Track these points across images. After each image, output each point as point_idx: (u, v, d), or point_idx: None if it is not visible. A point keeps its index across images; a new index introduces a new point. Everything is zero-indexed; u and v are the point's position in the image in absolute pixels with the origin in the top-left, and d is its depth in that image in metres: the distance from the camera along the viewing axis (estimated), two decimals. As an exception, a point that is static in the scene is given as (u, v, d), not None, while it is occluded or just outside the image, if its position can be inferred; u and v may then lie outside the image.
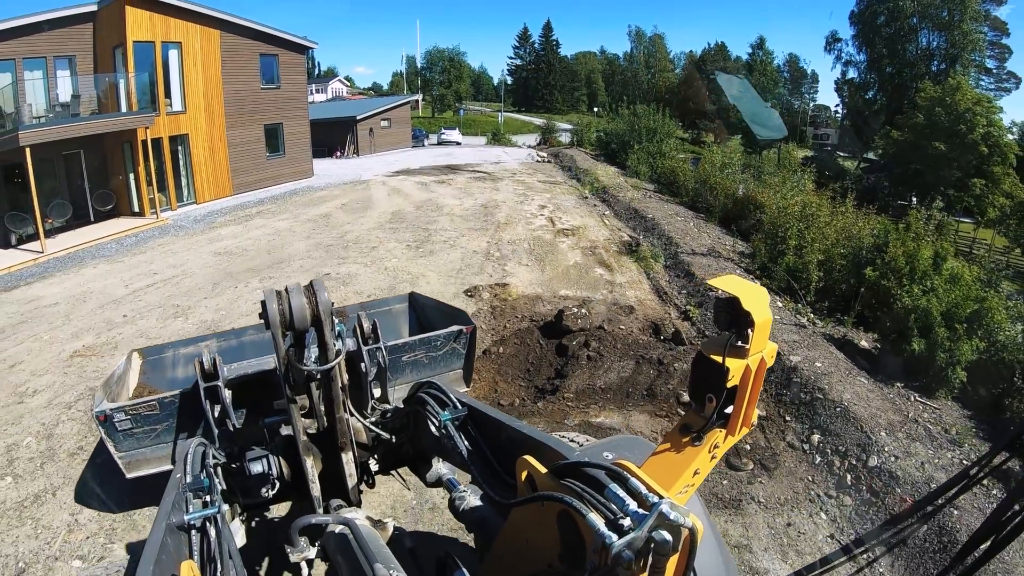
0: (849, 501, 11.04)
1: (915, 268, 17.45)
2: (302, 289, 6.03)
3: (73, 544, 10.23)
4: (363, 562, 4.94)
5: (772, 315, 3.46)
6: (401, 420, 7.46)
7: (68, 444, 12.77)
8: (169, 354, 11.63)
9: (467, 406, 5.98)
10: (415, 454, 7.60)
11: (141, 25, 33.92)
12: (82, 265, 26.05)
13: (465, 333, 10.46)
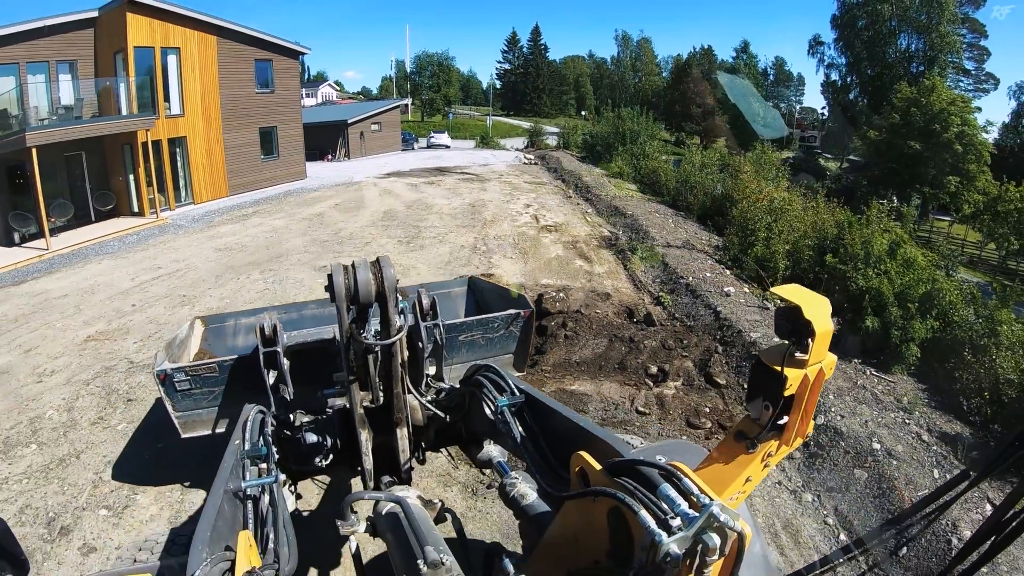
0: (797, 455, 12.15)
1: (870, 253, 18.44)
2: (368, 264, 5.98)
3: (99, 496, 10.99)
4: (413, 542, 4.88)
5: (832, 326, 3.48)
6: (456, 400, 7.41)
7: (89, 415, 13.58)
8: (231, 323, 11.82)
9: (525, 393, 5.96)
10: (467, 434, 7.53)
11: (141, 31, 34.76)
12: (87, 261, 26.79)
13: (522, 316, 10.22)
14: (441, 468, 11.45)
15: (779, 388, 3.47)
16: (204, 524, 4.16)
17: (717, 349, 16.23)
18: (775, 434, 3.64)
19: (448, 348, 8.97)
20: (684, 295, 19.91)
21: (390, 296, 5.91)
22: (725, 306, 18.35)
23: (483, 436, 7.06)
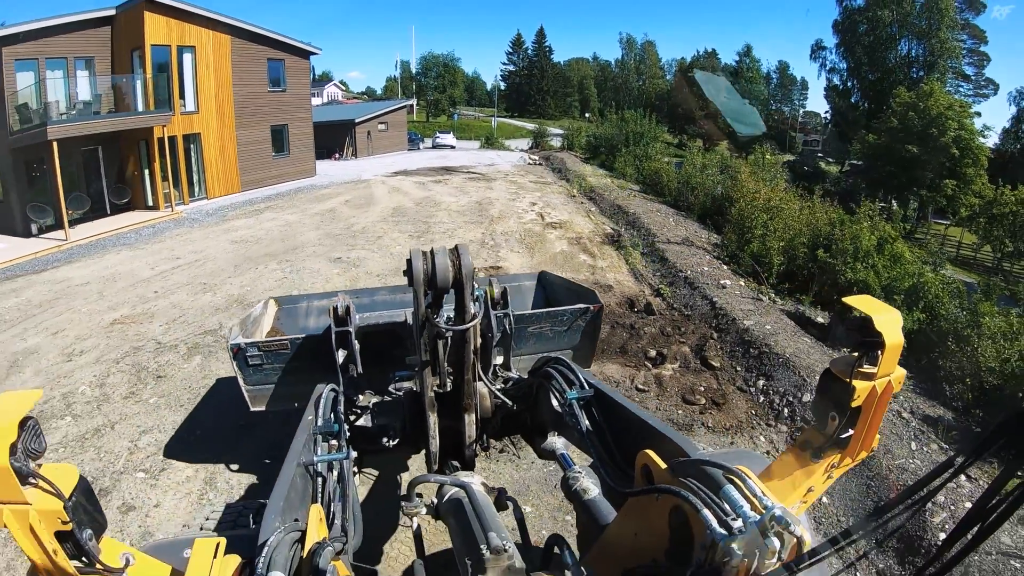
0: (784, 428, 12.94)
1: (859, 248, 19.18)
2: (447, 251, 5.92)
3: (135, 462, 11.58)
4: (476, 528, 4.79)
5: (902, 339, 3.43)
6: (524, 390, 7.42)
7: (120, 390, 14.19)
8: (303, 304, 11.97)
9: (594, 388, 5.89)
10: (532, 425, 7.50)
11: (158, 30, 35.58)
12: (105, 252, 27.43)
13: (591, 311, 10.03)
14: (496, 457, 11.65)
15: (847, 399, 3.47)
16: (277, 495, 4.37)
17: (712, 335, 16.94)
18: (840, 445, 3.60)
19: (516, 339, 9.06)
20: (683, 287, 20.55)
21: (467, 283, 5.86)
22: (721, 297, 19.04)
23: (548, 427, 7.03)
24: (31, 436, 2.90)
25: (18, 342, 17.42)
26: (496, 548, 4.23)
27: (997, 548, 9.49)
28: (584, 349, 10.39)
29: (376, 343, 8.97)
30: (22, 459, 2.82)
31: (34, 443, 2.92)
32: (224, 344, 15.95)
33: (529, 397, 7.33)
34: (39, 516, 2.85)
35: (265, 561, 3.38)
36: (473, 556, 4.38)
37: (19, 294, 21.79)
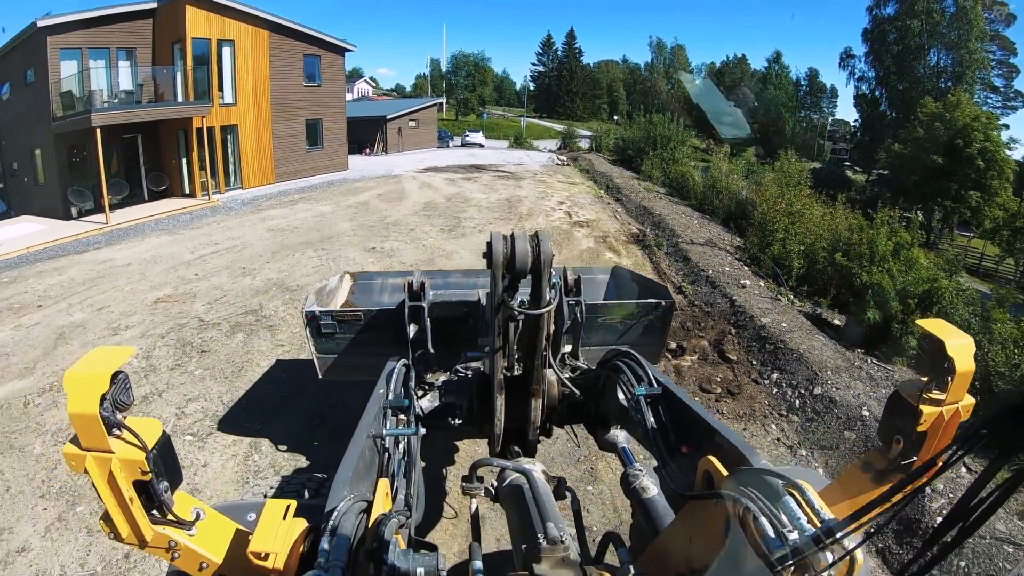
0: (796, 418, 13.45)
1: (875, 252, 19.66)
2: (527, 237, 5.86)
3: (183, 426, 12.17)
4: (535, 516, 4.90)
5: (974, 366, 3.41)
6: (591, 380, 7.36)
7: (167, 362, 14.79)
8: (378, 281, 12.00)
9: (663, 386, 5.82)
10: (596, 416, 7.42)
11: (199, 23, 36.53)
12: (144, 236, 28.28)
13: (663, 307, 9.69)
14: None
15: (912, 424, 3.48)
16: (346, 465, 4.41)
17: (731, 331, 17.45)
18: (902, 471, 3.58)
19: (586, 328, 8.97)
20: (704, 285, 20.98)
21: (545, 269, 5.80)
22: (740, 296, 19.49)
23: (612, 420, 7.05)
24: (120, 389, 3.22)
25: (64, 317, 18.08)
26: (553, 538, 4.38)
27: (991, 533, 9.63)
28: (652, 345, 9.96)
29: (447, 323, 9.01)
30: (110, 410, 3.11)
31: (123, 396, 3.25)
32: (265, 323, 16.77)
33: (595, 388, 7.28)
34: (120, 465, 3.15)
35: (332, 526, 3.54)
36: (529, 543, 4.49)
37: (62, 272, 22.51)
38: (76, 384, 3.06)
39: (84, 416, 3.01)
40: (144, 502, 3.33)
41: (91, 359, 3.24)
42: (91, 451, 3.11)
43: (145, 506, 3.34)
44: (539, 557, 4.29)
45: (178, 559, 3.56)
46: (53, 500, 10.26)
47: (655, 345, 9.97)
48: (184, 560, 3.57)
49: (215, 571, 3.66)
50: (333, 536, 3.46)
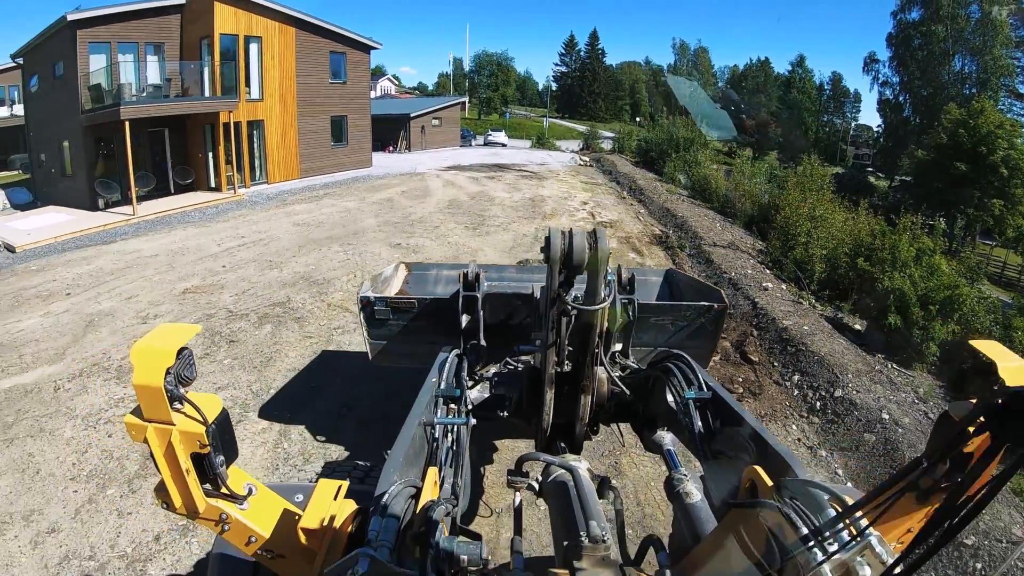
0: (816, 420, 13.53)
1: (896, 257, 19.67)
2: (585, 233, 5.84)
3: None
4: (578, 514, 4.77)
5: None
6: (640, 380, 7.30)
7: (196, 351, 13.97)
8: (433, 272, 12.07)
9: (712, 391, 5.88)
10: (643, 416, 7.32)
11: (227, 19, 36.78)
12: (171, 228, 28.65)
13: (715, 309, 9.60)
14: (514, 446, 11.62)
15: (960, 445, 3.23)
16: (397, 452, 4.51)
17: (752, 332, 17.54)
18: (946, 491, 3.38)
19: (638, 328, 8.93)
20: (726, 287, 20.71)
21: (601, 266, 5.76)
22: (762, 298, 19.54)
23: (659, 422, 6.88)
24: (185, 364, 3.35)
25: (93, 305, 18.41)
26: (595, 537, 4.25)
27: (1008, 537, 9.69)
28: (703, 348, 9.88)
29: (500, 314, 9.10)
30: (174, 383, 3.23)
31: (186, 371, 3.37)
32: (293, 315, 17.00)
33: (645, 388, 7.20)
34: (180, 437, 3.28)
35: (382, 507, 3.66)
36: (571, 541, 4.38)
37: (90, 262, 22.87)
38: (143, 357, 3.19)
39: (148, 388, 3.14)
40: (199, 475, 3.46)
41: (158, 334, 3.38)
42: (152, 422, 3.25)
43: (200, 479, 3.47)
44: (580, 555, 4.24)
45: (228, 532, 3.68)
46: (83, 483, 10.44)
47: (706, 348, 9.95)
48: (233, 533, 3.69)
49: (262, 545, 3.77)
50: (383, 518, 3.59)
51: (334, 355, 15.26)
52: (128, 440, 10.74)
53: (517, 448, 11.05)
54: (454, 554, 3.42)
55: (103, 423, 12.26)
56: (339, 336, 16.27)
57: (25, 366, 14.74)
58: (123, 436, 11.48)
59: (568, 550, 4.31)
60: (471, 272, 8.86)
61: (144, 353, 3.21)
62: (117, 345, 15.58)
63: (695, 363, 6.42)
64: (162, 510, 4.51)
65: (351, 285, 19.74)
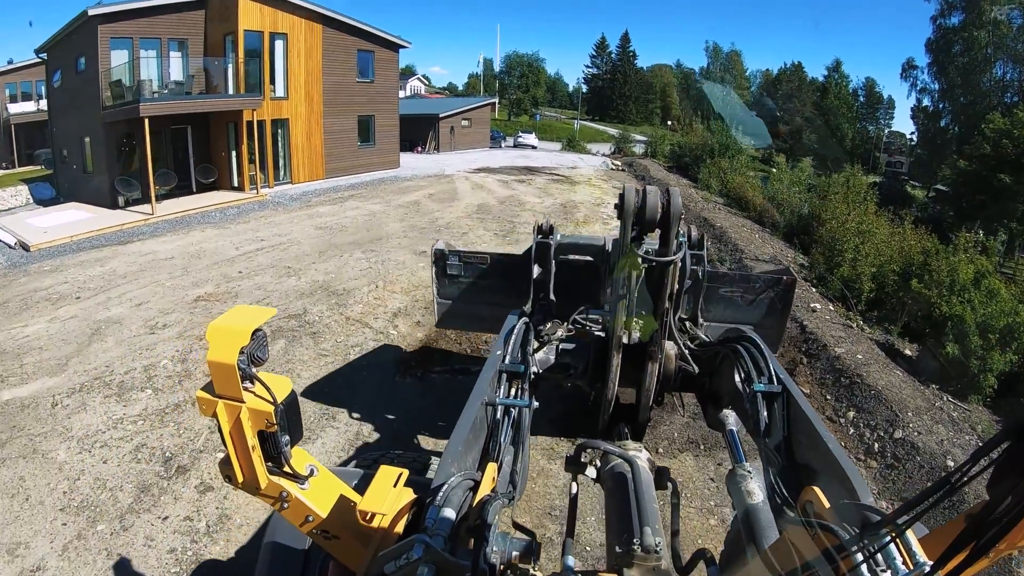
0: (874, 464, 12.54)
1: (955, 281, 18.62)
2: (658, 191, 6.08)
3: (216, 441, 11.27)
4: (634, 516, 4.69)
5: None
6: (709, 355, 7.30)
7: (203, 367, 13.99)
8: None
9: (783, 385, 5.64)
10: (708, 391, 7.35)
11: (252, 15, 36.31)
12: (190, 228, 28.13)
13: (784, 282, 9.79)
14: (545, 443, 11.54)
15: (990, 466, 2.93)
16: (456, 439, 4.64)
17: (802, 360, 16.57)
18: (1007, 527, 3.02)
19: (707, 300, 9.16)
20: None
21: (674, 221, 5.97)
22: (811, 321, 18.59)
23: (724, 399, 6.79)
24: (258, 345, 3.35)
25: (102, 311, 17.84)
26: (648, 547, 4.20)
27: None
28: (772, 327, 10.00)
29: (571, 271, 9.17)
30: (246, 362, 3.26)
31: (260, 352, 3.38)
32: (308, 330, 16.53)
33: (712, 364, 7.18)
34: (249, 414, 3.34)
35: (441, 498, 3.77)
36: (624, 547, 4.34)
37: (104, 264, 22.39)
38: (219, 335, 3.28)
39: (222, 365, 3.23)
40: (264, 453, 3.53)
41: (235, 314, 3.46)
42: (223, 398, 3.34)
43: (264, 456, 3.55)
44: (631, 562, 4.21)
45: (286, 509, 3.76)
46: (73, 515, 9.84)
47: (775, 328, 10.00)
48: (292, 511, 3.77)
49: (318, 525, 3.84)
50: (440, 507, 3.70)
51: (350, 377, 14.55)
52: (122, 468, 10.84)
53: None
54: (506, 549, 3.56)
55: (99, 447, 11.56)
56: (357, 356, 15.53)
57: (25, 376, 14.20)
58: (118, 463, 11.05)
59: (619, 556, 4.32)
60: (545, 224, 9.16)
61: (221, 331, 3.30)
62: (121, 357, 14.89)
63: (767, 350, 6.18)
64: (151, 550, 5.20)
65: (372, 297, 18.89)
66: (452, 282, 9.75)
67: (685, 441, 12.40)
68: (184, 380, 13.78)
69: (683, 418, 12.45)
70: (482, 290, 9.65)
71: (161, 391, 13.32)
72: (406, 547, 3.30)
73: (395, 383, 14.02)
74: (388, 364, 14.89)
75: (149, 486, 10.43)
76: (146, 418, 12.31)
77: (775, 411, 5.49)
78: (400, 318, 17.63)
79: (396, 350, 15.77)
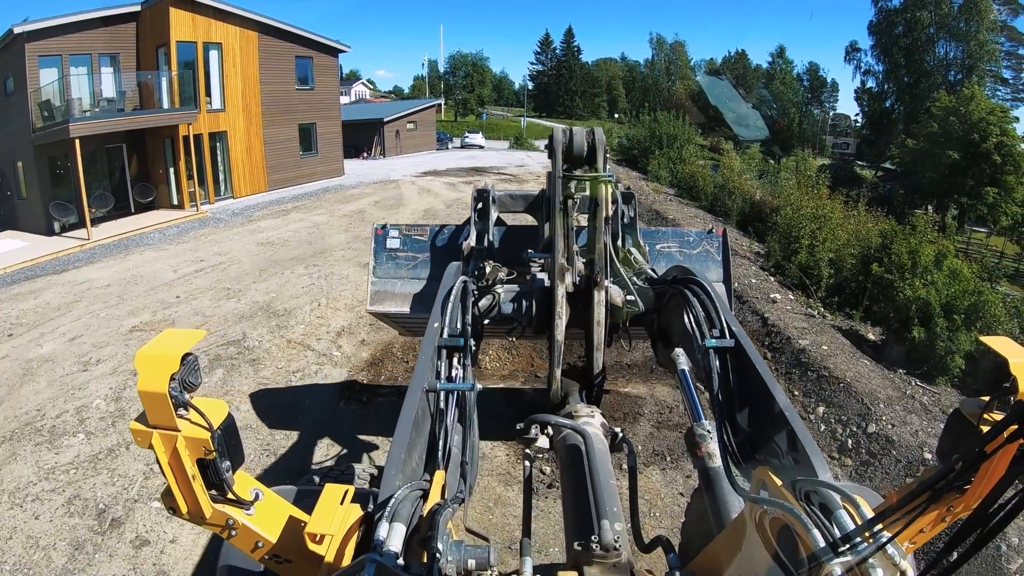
0: (849, 462, 12.16)
1: (917, 263, 18.34)
2: (584, 131, 6.83)
3: (151, 489, 10.93)
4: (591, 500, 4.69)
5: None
6: (656, 290, 7.00)
7: (137, 406, 13.29)
8: None
9: (736, 339, 5.23)
10: (657, 329, 7.10)
11: (184, 26, 35.45)
12: (128, 252, 27.17)
13: (716, 234, 9.92)
14: (501, 467, 11.34)
15: (972, 443, 3.07)
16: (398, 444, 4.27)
17: (766, 355, 16.16)
18: (959, 491, 3.31)
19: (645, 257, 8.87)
20: (731, 301, 19.75)
21: (599, 148, 6.64)
22: (772, 313, 18.21)
23: (674, 339, 6.46)
24: (189, 370, 3.22)
25: (34, 348, 17.06)
26: (607, 545, 4.11)
27: None
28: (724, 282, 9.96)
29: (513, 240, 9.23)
30: (178, 389, 3.11)
31: (191, 377, 3.25)
32: (248, 356, 16.12)
33: (660, 301, 6.95)
34: (185, 443, 3.17)
35: (389, 513, 3.52)
36: (583, 543, 4.23)
37: (38, 296, 21.50)
38: (147, 363, 3.12)
39: (153, 394, 3.07)
40: (205, 480, 3.37)
41: (163, 340, 3.32)
42: (158, 428, 3.17)
43: (206, 484, 3.39)
44: (590, 561, 4.14)
45: (235, 537, 3.61)
46: None
47: (724, 281, 9.97)
48: (241, 538, 3.62)
49: (269, 551, 3.71)
50: (389, 522, 3.47)
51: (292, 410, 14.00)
52: (55, 524, 10.29)
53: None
54: (462, 558, 3.50)
55: (30, 500, 10.90)
56: (299, 382, 15.05)
57: (-51, 427, 13.40)
58: (51, 518, 10.45)
59: (580, 554, 4.25)
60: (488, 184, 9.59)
61: (149, 359, 3.14)
62: (53, 399, 14.12)
63: (717, 296, 5.74)
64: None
65: (314, 316, 18.41)
66: (391, 258, 9.65)
67: (650, 453, 12.02)
68: (117, 421, 13.12)
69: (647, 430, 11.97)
70: (423, 264, 9.61)
71: (94, 435, 12.67)
72: (357, 568, 3.11)
73: (338, 410, 13.61)
74: (331, 390, 14.48)
75: (83, 543, 9.87)
76: (79, 466, 11.69)
77: (728, 368, 5.14)
78: (344, 337, 17.18)
79: (339, 372, 15.34)
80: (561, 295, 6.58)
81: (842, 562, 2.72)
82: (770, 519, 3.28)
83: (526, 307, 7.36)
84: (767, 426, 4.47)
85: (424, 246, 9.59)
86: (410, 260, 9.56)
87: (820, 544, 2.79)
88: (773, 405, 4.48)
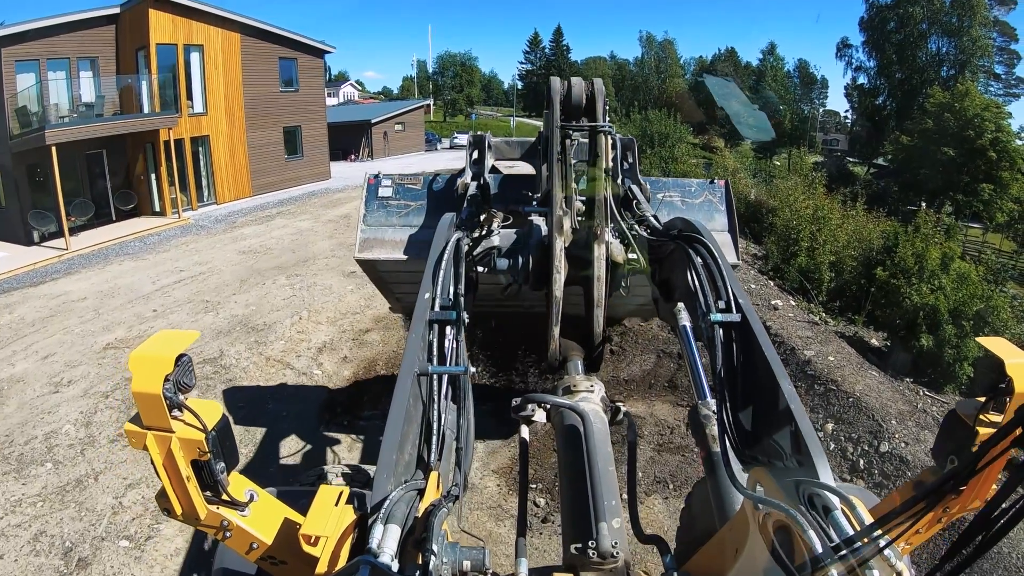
0: (862, 483, 11.60)
1: (924, 268, 17.89)
2: (582, 81, 6.68)
3: (119, 525, 10.47)
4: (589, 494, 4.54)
5: None
6: (658, 242, 6.55)
7: (108, 431, 13.04)
8: None
9: (743, 314, 4.78)
10: (659, 280, 6.67)
11: (164, 28, 34.86)
12: (107, 262, 26.64)
13: (718, 184, 9.72)
14: (492, 500, 10.91)
15: (968, 444, 3.33)
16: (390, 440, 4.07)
17: (771, 369, 15.49)
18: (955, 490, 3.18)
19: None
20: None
21: (599, 99, 6.53)
22: (774, 320, 17.62)
23: (676, 293, 6.10)
24: (184, 371, 3.20)
25: (5, 367, 16.53)
26: (604, 553, 4.09)
27: None
28: (730, 233, 9.54)
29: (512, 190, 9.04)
30: (173, 391, 3.09)
31: (185, 378, 3.23)
32: (224, 376, 15.92)
33: (661, 252, 6.49)
34: (180, 444, 3.18)
35: (384, 514, 3.43)
36: (579, 547, 4.21)
37: (13, 310, 20.97)
38: (141, 364, 3.12)
39: (147, 395, 3.08)
40: (200, 482, 3.38)
41: (157, 341, 3.31)
42: (152, 429, 3.18)
43: (201, 486, 3.40)
44: (587, 566, 4.15)
45: (229, 538, 3.62)
46: None
47: (729, 232, 9.55)
48: (235, 540, 3.64)
49: (264, 552, 3.72)
50: (384, 524, 3.36)
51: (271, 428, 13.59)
52: (19, 564, 9.92)
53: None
54: (456, 560, 3.53)
55: None
56: (275, 405, 14.51)
57: (-88, 457, 12.88)
58: (15, 557, 10.04)
59: (576, 557, 4.24)
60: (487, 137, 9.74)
61: (143, 360, 3.12)
62: (22, 424, 13.58)
63: (723, 261, 5.23)
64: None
65: (295, 331, 17.95)
66: (383, 206, 9.42)
67: (652, 481, 11.46)
68: (87, 449, 12.58)
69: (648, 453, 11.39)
70: (415, 212, 9.41)
71: (62, 464, 12.15)
72: (351, 570, 3.06)
73: (318, 436, 13.18)
74: (311, 412, 14.06)
75: (46, 587, 9.31)
76: (46, 498, 11.20)
77: (732, 346, 4.73)
78: (325, 354, 16.78)
79: (320, 393, 14.93)
80: (559, 249, 6.36)
81: (841, 564, 2.71)
82: (770, 520, 3.27)
83: (522, 262, 7.07)
84: (770, 413, 4.25)
85: (418, 195, 9.44)
86: (403, 208, 9.39)
87: (817, 546, 2.79)
88: (778, 392, 4.20)
